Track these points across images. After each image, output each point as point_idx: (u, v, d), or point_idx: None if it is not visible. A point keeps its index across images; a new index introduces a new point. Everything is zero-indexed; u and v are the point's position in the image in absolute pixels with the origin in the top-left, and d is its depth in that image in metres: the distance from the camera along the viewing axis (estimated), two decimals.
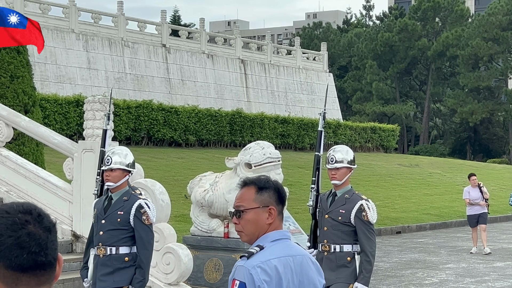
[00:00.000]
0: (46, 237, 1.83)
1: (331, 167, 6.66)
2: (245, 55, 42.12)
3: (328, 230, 6.52)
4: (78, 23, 33.59)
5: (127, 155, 6.73)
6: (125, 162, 6.62)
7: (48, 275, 1.85)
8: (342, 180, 6.62)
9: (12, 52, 13.21)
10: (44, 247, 1.82)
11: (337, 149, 6.82)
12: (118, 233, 6.45)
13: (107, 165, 6.58)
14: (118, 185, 6.54)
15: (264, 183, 3.27)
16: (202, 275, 10.10)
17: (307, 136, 36.83)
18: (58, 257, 1.89)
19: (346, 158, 6.70)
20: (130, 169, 6.66)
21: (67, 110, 26.32)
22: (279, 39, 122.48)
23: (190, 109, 31.55)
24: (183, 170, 23.76)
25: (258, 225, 3.22)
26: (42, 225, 1.84)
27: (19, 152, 12.23)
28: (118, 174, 6.53)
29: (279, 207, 3.25)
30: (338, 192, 6.65)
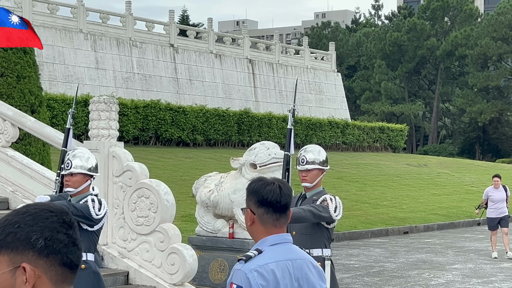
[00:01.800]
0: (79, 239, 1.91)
1: (302, 169, 6.22)
2: (253, 55, 42.10)
3: (296, 234, 6.01)
4: (86, 23, 33.64)
5: (89, 158, 6.30)
6: (86, 166, 6.18)
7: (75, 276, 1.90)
8: (313, 183, 6.19)
9: (18, 52, 13.24)
10: (80, 248, 1.89)
11: (309, 149, 6.38)
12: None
13: (67, 169, 6.14)
14: (79, 191, 6.12)
15: (248, 186, 3.27)
16: (207, 276, 10.09)
17: (315, 136, 36.78)
18: None
19: (317, 159, 6.28)
20: (92, 174, 6.21)
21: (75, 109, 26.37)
22: (287, 38, 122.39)
23: (198, 109, 31.56)
24: (190, 170, 23.77)
25: (246, 225, 3.26)
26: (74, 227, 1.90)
27: (25, 152, 12.26)
28: (78, 179, 6.11)
29: (260, 210, 3.19)
30: (308, 194, 6.23)
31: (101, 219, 6.07)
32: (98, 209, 5.98)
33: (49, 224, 1.84)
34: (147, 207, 9.41)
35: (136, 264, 9.48)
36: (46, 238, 1.82)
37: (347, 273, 13.52)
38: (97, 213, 5.97)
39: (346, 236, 18.78)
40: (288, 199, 3.22)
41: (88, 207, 5.93)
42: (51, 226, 1.84)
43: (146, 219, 9.42)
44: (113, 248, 9.71)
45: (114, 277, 9.45)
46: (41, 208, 1.87)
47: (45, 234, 1.82)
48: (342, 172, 29.43)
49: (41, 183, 10.36)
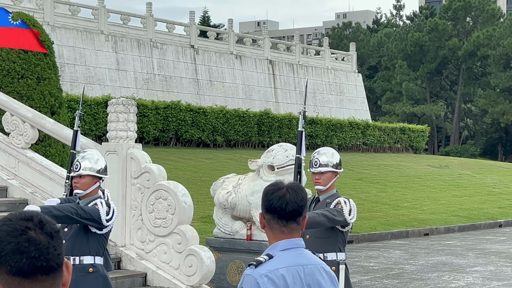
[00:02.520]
0: (47, 243, 1.86)
1: (315, 171, 6.18)
2: (273, 56, 42.08)
3: (310, 238, 5.97)
4: (107, 25, 33.81)
5: (98, 160, 6.27)
6: (95, 168, 6.16)
7: (52, 280, 1.87)
8: (327, 186, 6.14)
9: (39, 54, 13.32)
10: (44, 252, 1.85)
11: (322, 151, 6.34)
12: (82, 242, 6.03)
13: (76, 171, 6.12)
14: (88, 193, 6.11)
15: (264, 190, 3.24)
16: (225, 277, 10.09)
17: (335, 137, 36.68)
18: (66, 264, 1.93)
19: (331, 162, 6.22)
20: (101, 176, 6.19)
21: (96, 111, 26.50)
22: (308, 39, 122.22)
23: (218, 109, 31.59)
24: (210, 170, 23.79)
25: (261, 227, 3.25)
26: (44, 231, 1.88)
27: (45, 153, 12.33)
28: (87, 181, 6.10)
29: (267, 216, 3.17)
30: (321, 197, 6.17)
31: (110, 222, 6.07)
32: (106, 212, 5.96)
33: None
34: (165, 209, 9.43)
35: (154, 265, 9.51)
36: None
37: (366, 275, 13.46)
38: (106, 216, 5.96)
39: (365, 237, 18.70)
40: (295, 206, 3.14)
41: (98, 210, 5.93)
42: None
43: (164, 221, 9.44)
44: (131, 249, 9.74)
45: (132, 279, 9.49)
46: (6, 217, 1.89)
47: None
48: (363, 173, 29.32)
49: (60, 184, 10.41)
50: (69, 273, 1.93)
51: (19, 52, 13.07)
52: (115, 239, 9.81)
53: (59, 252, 1.88)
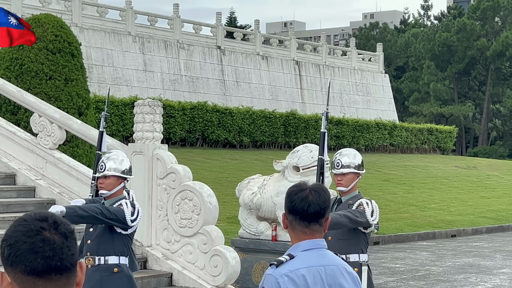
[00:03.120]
0: (61, 243, 1.91)
1: (337, 173, 6.16)
2: (299, 56, 42.05)
3: (332, 239, 5.96)
4: (135, 26, 34.02)
5: (123, 160, 6.31)
6: (120, 169, 6.19)
7: (66, 280, 1.92)
8: (349, 187, 6.11)
9: (66, 56, 13.46)
10: (58, 252, 1.89)
11: (344, 152, 6.30)
12: (107, 242, 6.06)
13: (101, 172, 6.16)
14: (113, 193, 6.16)
15: (287, 190, 3.26)
16: (250, 278, 10.11)
17: (362, 138, 36.56)
18: (80, 264, 1.97)
19: (353, 163, 6.20)
20: (126, 176, 6.22)
21: (123, 111, 26.68)
22: (335, 39, 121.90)
23: (245, 110, 31.64)
24: (236, 171, 23.84)
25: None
26: (58, 231, 1.92)
27: (73, 154, 12.45)
28: (112, 181, 6.14)
29: (290, 216, 3.18)
30: (343, 198, 6.17)
31: (135, 223, 6.10)
32: (131, 213, 5.99)
33: (14, 233, 1.91)
34: (191, 209, 9.49)
35: (180, 265, 9.56)
36: (9, 247, 1.89)
37: (392, 276, 13.41)
38: (131, 217, 5.99)
39: (392, 239, 18.62)
40: (318, 207, 3.15)
41: (123, 210, 5.97)
42: (15, 235, 1.90)
43: (189, 221, 9.49)
44: (157, 249, 9.80)
45: (158, 279, 9.55)
46: (22, 217, 1.95)
47: (9, 242, 1.89)
48: (389, 174, 29.19)
49: (87, 185, 10.51)
50: (82, 273, 1.97)
51: (47, 53, 13.22)
52: (141, 239, 9.89)
53: (73, 252, 1.93)
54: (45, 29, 13.33)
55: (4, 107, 12.96)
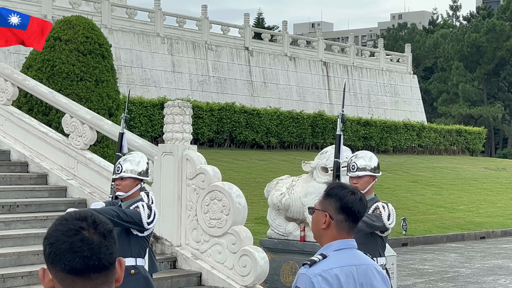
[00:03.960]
0: (99, 242, 1.96)
1: (353, 175, 6.07)
2: (327, 57, 41.99)
3: None
4: (163, 27, 34.21)
5: (140, 162, 6.25)
6: (137, 170, 6.15)
7: (104, 278, 1.97)
8: (364, 190, 5.94)
9: (97, 57, 13.61)
10: (96, 252, 1.94)
11: (360, 155, 6.20)
12: (123, 244, 5.98)
13: (117, 173, 6.13)
14: (129, 195, 6.12)
15: (330, 190, 3.30)
16: (279, 278, 10.16)
17: (390, 139, 36.42)
18: (119, 261, 2.02)
19: (369, 165, 6.09)
20: (142, 178, 6.17)
21: (152, 112, 26.86)
22: (363, 40, 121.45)
23: (272, 111, 31.68)
24: (264, 172, 23.90)
25: (317, 227, 3.29)
26: (97, 231, 1.97)
27: (103, 154, 12.58)
28: (128, 183, 6.10)
29: (340, 217, 3.24)
30: None
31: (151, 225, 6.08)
32: (148, 215, 5.96)
33: (55, 232, 1.96)
34: (220, 210, 9.55)
35: (209, 265, 9.63)
36: (50, 246, 1.95)
37: (420, 278, 13.38)
38: (147, 219, 5.95)
39: (420, 240, 18.55)
40: (364, 210, 3.29)
41: (139, 213, 5.94)
42: (55, 234, 1.96)
43: (218, 221, 9.56)
44: (186, 249, 9.89)
45: (187, 278, 9.63)
46: (63, 216, 2.00)
47: (50, 241, 1.96)
48: (418, 176, 29.06)
49: None
50: (122, 270, 2.02)
51: (78, 55, 13.37)
52: (171, 239, 9.98)
53: (111, 251, 1.97)
54: (76, 31, 13.49)
55: (36, 108, 13.13)
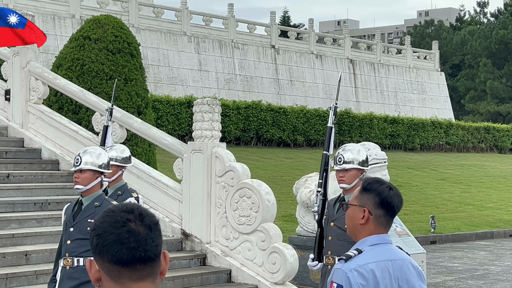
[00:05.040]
0: (146, 234, 1.99)
1: (339, 169, 5.85)
2: (354, 55, 41.87)
3: (333, 240, 5.77)
4: (190, 26, 34.34)
5: (101, 154, 5.98)
6: (97, 163, 5.88)
7: (150, 270, 2.00)
8: (351, 184, 5.78)
9: (126, 56, 13.69)
10: (143, 243, 1.97)
11: (347, 148, 5.97)
12: (87, 242, 5.51)
13: (76, 166, 5.88)
14: (89, 189, 5.81)
15: (367, 185, 3.31)
16: (308, 275, 10.17)
17: (417, 137, 36.23)
18: (164, 254, 2.04)
19: (356, 159, 5.86)
20: (103, 171, 5.91)
21: (179, 111, 26.97)
22: (389, 38, 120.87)
23: (299, 109, 31.66)
24: (291, 170, 23.90)
25: (354, 222, 3.29)
26: (143, 223, 2.00)
27: (132, 152, 12.66)
28: (88, 176, 5.81)
29: (378, 211, 3.25)
30: (347, 197, 5.78)
31: None
32: None
33: (103, 223, 2.00)
34: (249, 207, 9.58)
35: (238, 262, 9.67)
36: (97, 237, 1.99)
37: (450, 275, 13.31)
38: None
39: (449, 238, 18.45)
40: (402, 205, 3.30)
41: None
42: (103, 225, 1.99)
43: (247, 219, 9.59)
44: (216, 246, 9.93)
45: (217, 275, 9.68)
46: (110, 208, 2.04)
47: (97, 232, 1.99)
48: (446, 173, 28.89)
49: (147, 182, 10.71)
50: (166, 263, 2.05)
51: (107, 54, 13.47)
52: (200, 236, 10.03)
53: (157, 243, 2.00)
54: (105, 29, 13.59)
55: (66, 107, 13.26)
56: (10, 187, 10.78)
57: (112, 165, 6.87)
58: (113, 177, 7.00)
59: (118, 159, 7.14)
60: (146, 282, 1.99)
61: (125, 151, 7.26)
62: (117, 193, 6.98)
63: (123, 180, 7.19)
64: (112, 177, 6.95)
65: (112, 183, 7.03)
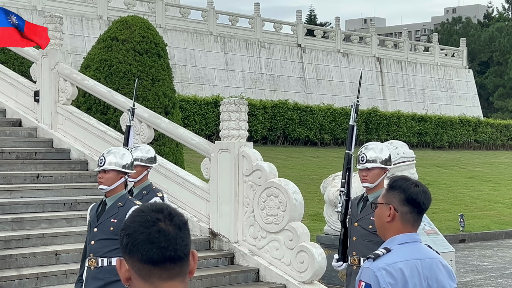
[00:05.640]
0: (175, 234, 2.00)
1: (362, 168, 5.76)
2: (381, 53, 41.67)
3: (357, 240, 5.72)
4: (216, 26, 34.41)
5: (125, 154, 5.97)
6: (120, 163, 5.87)
7: (179, 269, 2.01)
8: (375, 183, 5.71)
9: (153, 56, 13.77)
10: (173, 243, 1.99)
11: (370, 146, 5.87)
12: (110, 243, 5.64)
13: (100, 166, 5.88)
14: (113, 189, 5.80)
15: (393, 183, 3.30)
16: (336, 275, 10.14)
17: (445, 134, 35.97)
18: (193, 253, 2.06)
19: (379, 157, 5.78)
20: (127, 171, 5.89)
21: (205, 110, 27.04)
22: (416, 35, 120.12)
23: (325, 108, 31.59)
24: (318, 169, 23.86)
25: (381, 221, 3.29)
26: (173, 223, 2.01)
27: (160, 152, 12.74)
28: (112, 176, 5.80)
29: (404, 208, 3.24)
30: (370, 197, 5.73)
31: None
32: None
33: (132, 223, 2.01)
34: (276, 206, 9.59)
35: (266, 261, 9.68)
36: (127, 236, 2.00)
37: (479, 274, 13.20)
38: None
39: (478, 236, 18.30)
40: (430, 202, 3.28)
41: None
42: (133, 225, 2.00)
43: (275, 218, 9.60)
44: (243, 245, 9.95)
45: (245, 274, 9.70)
46: (139, 208, 2.05)
47: (127, 232, 2.01)
48: (475, 171, 28.65)
49: (175, 182, 10.76)
50: (195, 262, 2.07)
51: (134, 54, 13.56)
52: (228, 235, 10.06)
53: (186, 242, 2.02)
54: (132, 30, 13.68)
55: (94, 107, 13.36)
56: (40, 188, 10.89)
57: (138, 165, 6.95)
58: (138, 177, 7.03)
59: (144, 159, 7.16)
60: (176, 281, 2.00)
61: (150, 151, 7.30)
62: (142, 193, 7.02)
63: (148, 180, 7.23)
64: (137, 177, 6.99)
65: (137, 183, 7.07)
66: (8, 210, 9.97)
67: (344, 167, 5.97)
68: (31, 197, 10.54)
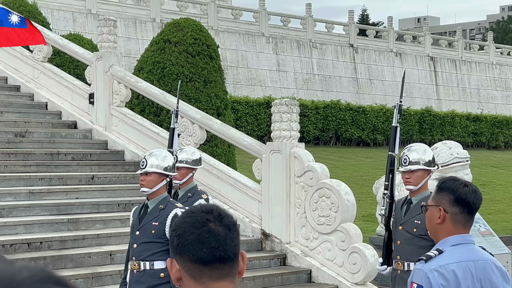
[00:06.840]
0: (225, 234, 2.03)
1: (405, 170, 5.64)
2: (434, 52, 41.18)
3: (401, 244, 5.61)
4: (268, 27, 34.47)
5: (166, 157, 5.98)
6: (162, 165, 5.86)
7: (229, 269, 2.04)
8: (418, 185, 5.58)
9: (205, 58, 13.87)
10: (222, 243, 2.02)
11: (413, 148, 5.74)
12: (152, 246, 5.65)
13: (142, 168, 5.88)
14: (154, 191, 5.78)
15: (441, 184, 3.28)
16: (390, 276, 10.06)
17: (501, 134, 35.35)
18: (242, 254, 2.08)
19: (422, 159, 5.64)
20: (168, 173, 5.89)
21: (257, 111, 27.10)
22: (471, 34, 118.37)
23: (378, 108, 31.36)
24: (371, 169, 23.70)
25: (432, 223, 3.26)
26: (222, 223, 2.04)
27: (212, 153, 12.83)
28: (153, 179, 5.78)
29: (454, 209, 3.20)
30: (414, 199, 5.61)
31: None
32: None
33: (183, 224, 2.04)
34: (328, 207, 9.57)
35: (318, 262, 9.66)
36: (178, 237, 2.03)
37: None
38: None
39: None
40: (480, 202, 3.23)
41: None
42: (183, 226, 2.04)
43: (327, 219, 9.58)
44: (295, 246, 9.95)
45: (297, 275, 9.70)
46: (189, 209, 2.09)
47: (178, 233, 2.04)
48: None
49: (227, 183, 10.82)
50: (244, 263, 2.09)
51: (187, 56, 13.68)
52: (280, 236, 10.07)
53: (236, 243, 2.04)
54: (184, 32, 13.80)
55: (148, 109, 13.52)
56: (94, 188, 11.07)
57: (183, 167, 7.01)
58: (183, 179, 7.07)
59: (189, 161, 7.19)
60: (226, 282, 2.03)
61: (195, 153, 7.33)
62: (188, 195, 7.04)
63: (193, 182, 7.27)
64: (182, 179, 7.04)
65: (182, 185, 7.11)
66: (64, 211, 10.16)
67: (387, 169, 5.91)
68: (86, 198, 10.72)
